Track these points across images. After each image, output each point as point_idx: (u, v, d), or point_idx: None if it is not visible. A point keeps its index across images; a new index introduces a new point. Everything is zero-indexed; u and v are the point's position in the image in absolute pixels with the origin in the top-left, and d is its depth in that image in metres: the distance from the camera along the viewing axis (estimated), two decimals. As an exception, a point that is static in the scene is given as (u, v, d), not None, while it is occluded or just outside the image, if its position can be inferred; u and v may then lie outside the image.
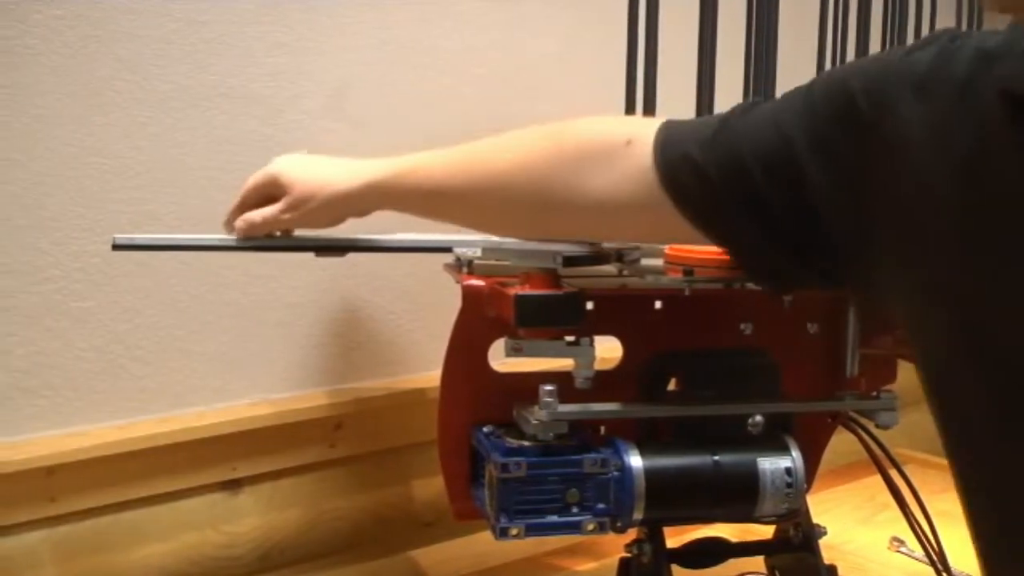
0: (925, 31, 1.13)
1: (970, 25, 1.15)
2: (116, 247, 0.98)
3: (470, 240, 1.03)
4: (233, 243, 1.02)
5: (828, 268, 0.80)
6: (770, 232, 0.79)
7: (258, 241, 1.02)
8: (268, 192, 1.01)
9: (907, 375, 1.12)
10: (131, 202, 1.06)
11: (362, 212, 1.02)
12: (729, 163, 0.79)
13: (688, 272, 0.98)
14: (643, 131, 0.86)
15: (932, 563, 1.07)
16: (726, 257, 1.02)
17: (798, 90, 0.79)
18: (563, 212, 0.90)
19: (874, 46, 1.11)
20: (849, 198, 0.74)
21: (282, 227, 1.02)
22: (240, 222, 1.01)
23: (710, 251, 1.02)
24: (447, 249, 1.06)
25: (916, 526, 1.07)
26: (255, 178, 1.02)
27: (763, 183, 0.78)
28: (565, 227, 0.93)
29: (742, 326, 1.04)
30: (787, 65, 1.05)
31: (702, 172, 0.80)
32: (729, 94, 1.05)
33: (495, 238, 1.02)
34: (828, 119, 0.75)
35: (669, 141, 0.84)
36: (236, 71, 1.12)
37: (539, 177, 0.90)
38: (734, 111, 0.83)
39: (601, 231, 0.94)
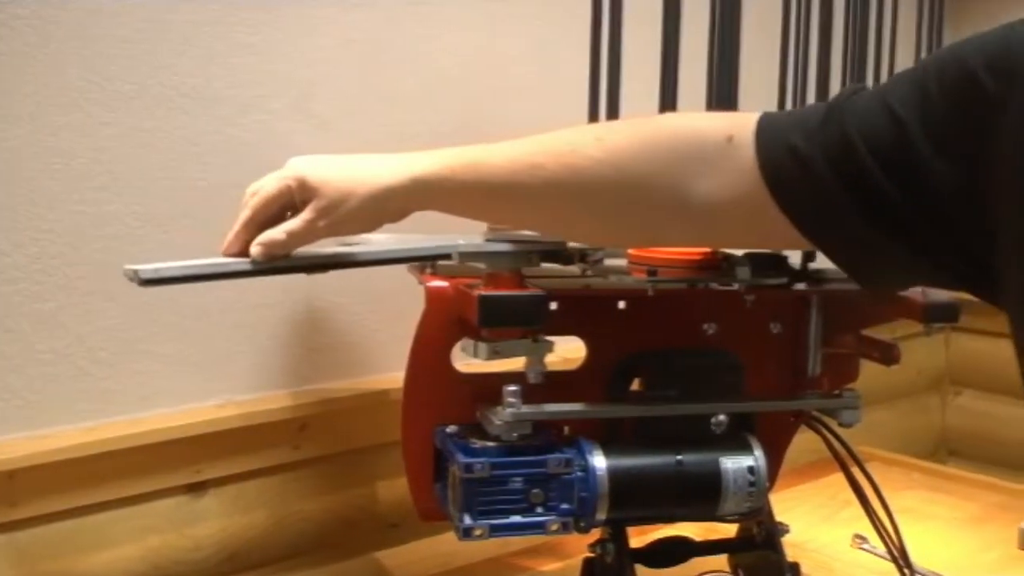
0: (887, 29, 1.14)
1: (931, 19, 1.15)
2: (145, 282, 0.86)
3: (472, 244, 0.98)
4: (267, 266, 0.89)
5: (947, 264, 0.74)
6: (885, 225, 0.73)
7: (298, 261, 0.90)
8: (285, 201, 0.89)
9: (869, 374, 1.13)
10: (92, 203, 1.05)
11: (400, 214, 0.91)
12: (839, 152, 0.74)
13: (652, 272, 0.98)
14: (742, 126, 0.80)
15: (894, 559, 1.09)
16: (689, 257, 1.03)
17: (907, 72, 0.75)
18: (664, 216, 0.84)
19: (836, 44, 1.12)
20: (973, 186, 0.69)
21: (313, 239, 0.90)
22: (258, 247, 0.88)
23: (673, 251, 1.03)
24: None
25: (878, 523, 1.08)
26: (268, 188, 0.89)
27: (877, 170, 0.72)
28: (665, 232, 0.87)
29: (705, 326, 1.04)
30: (750, 63, 1.06)
31: (808, 164, 0.75)
32: (692, 94, 1.05)
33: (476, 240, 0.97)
34: (946, 101, 0.70)
35: (770, 134, 0.79)
36: (199, 71, 1.11)
37: (637, 177, 0.82)
38: (839, 97, 0.78)
39: (706, 237, 0.89)
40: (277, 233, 0.88)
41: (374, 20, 1.22)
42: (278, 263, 0.89)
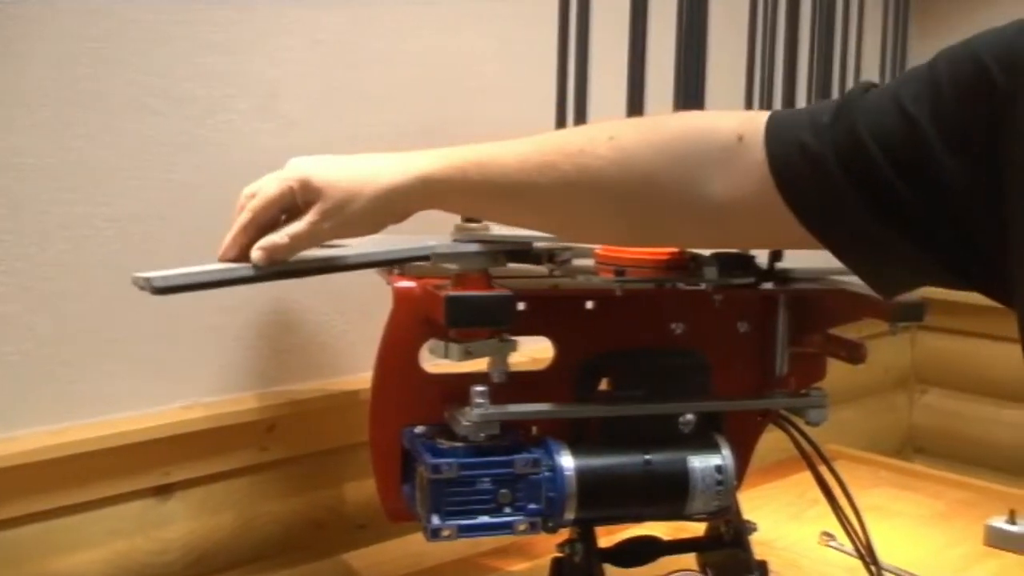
0: (853, 27, 1.14)
1: (896, 21, 1.16)
2: (158, 291, 0.83)
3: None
4: (270, 271, 0.86)
5: (957, 264, 0.74)
6: (895, 223, 0.73)
7: (298, 265, 0.88)
8: (286, 203, 0.86)
9: (836, 372, 1.14)
10: (59, 203, 1.04)
11: (404, 214, 0.89)
12: (848, 148, 0.73)
13: (619, 272, 0.99)
14: (752, 125, 0.79)
15: (861, 556, 1.09)
16: (657, 257, 1.04)
17: (918, 68, 0.74)
18: (676, 216, 0.83)
19: (803, 41, 1.13)
20: (984, 182, 0.69)
21: (317, 242, 0.87)
22: (260, 252, 0.85)
23: (641, 251, 1.03)
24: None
25: (845, 521, 1.09)
26: (268, 190, 0.86)
27: (887, 168, 0.71)
28: (676, 233, 0.87)
29: (673, 326, 1.05)
30: (718, 60, 1.06)
31: (817, 161, 0.74)
32: (660, 93, 1.06)
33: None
34: (957, 96, 0.70)
35: (780, 131, 0.78)
36: (166, 71, 1.10)
37: (649, 178, 0.81)
38: (850, 94, 0.77)
39: (717, 237, 0.88)
40: (279, 237, 0.85)
41: (341, 20, 1.22)
42: (280, 267, 0.87)
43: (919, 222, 0.72)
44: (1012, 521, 1.37)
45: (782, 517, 1.44)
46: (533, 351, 1.11)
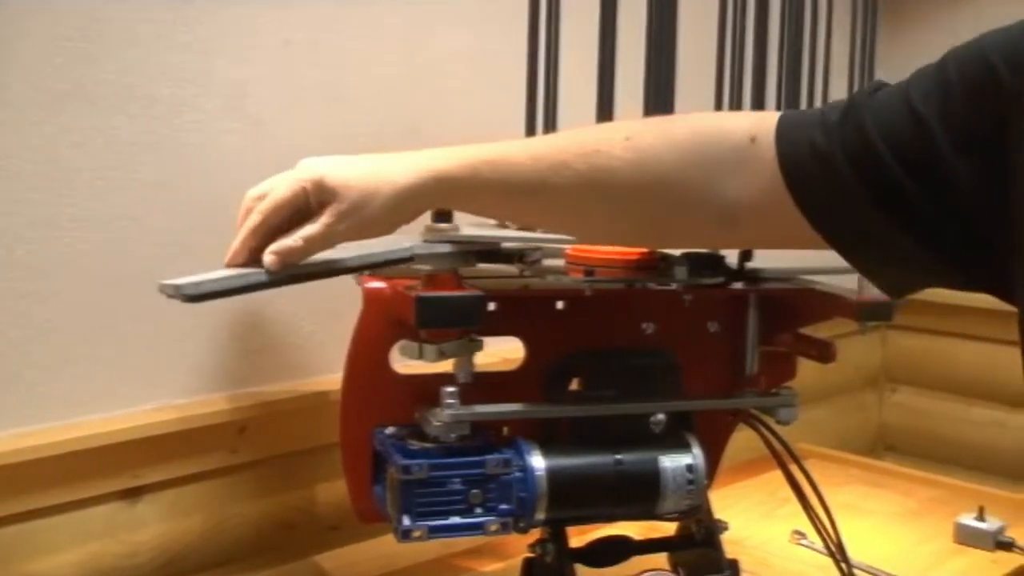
0: (822, 23, 1.15)
1: (865, 22, 1.17)
2: (190, 299, 0.82)
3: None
4: (284, 275, 0.85)
5: (965, 264, 0.73)
6: (904, 223, 0.72)
7: (310, 268, 0.86)
8: (298, 205, 0.84)
9: (807, 372, 1.15)
10: (25, 204, 1.03)
11: (416, 214, 0.88)
12: (857, 147, 0.73)
13: (589, 272, 0.99)
14: (764, 125, 0.79)
15: (832, 554, 1.10)
16: (627, 257, 1.04)
17: (928, 67, 0.74)
18: (690, 218, 0.83)
19: (772, 38, 1.13)
20: (992, 181, 0.69)
21: (332, 244, 0.86)
22: (272, 256, 0.83)
23: (611, 251, 1.04)
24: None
25: (816, 519, 1.10)
26: (279, 191, 0.84)
27: (896, 167, 0.71)
28: (690, 234, 0.87)
29: (644, 326, 1.05)
30: (687, 62, 1.07)
31: (827, 160, 0.74)
32: (629, 94, 1.06)
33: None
34: (965, 95, 0.70)
35: (790, 130, 0.78)
36: (134, 70, 1.09)
37: (664, 179, 0.81)
38: (860, 92, 0.77)
39: (730, 238, 0.88)
40: (293, 240, 0.83)
41: (311, 20, 1.21)
42: (294, 271, 0.85)
43: (927, 221, 0.72)
44: (981, 518, 1.38)
45: (753, 516, 1.44)
46: (504, 351, 1.11)
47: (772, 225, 0.80)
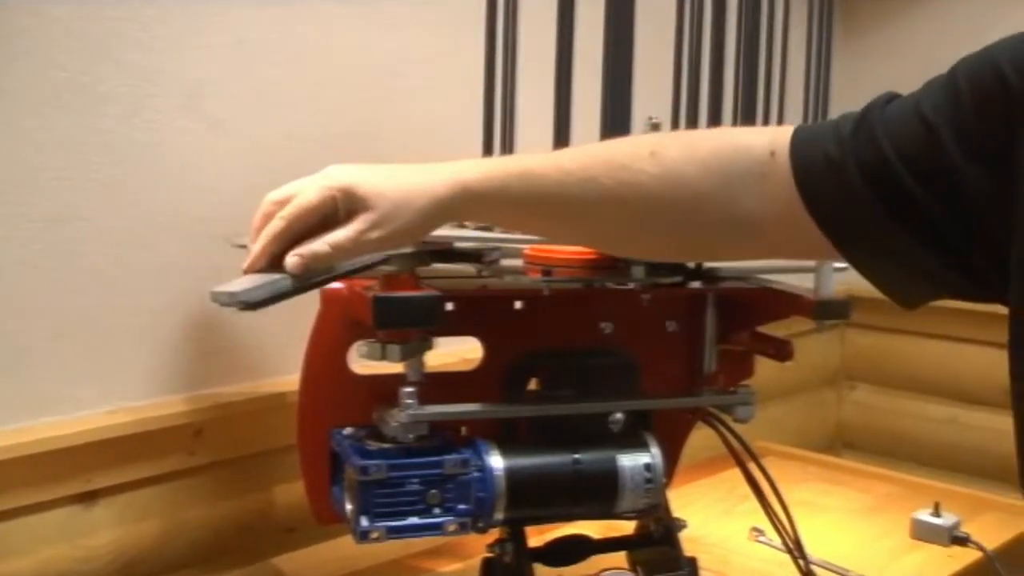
0: (778, 29, 1.16)
1: (820, 26, 1.18)
2: (249, 306, 0.80)
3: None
4: (308, 282, 0.82)
5: (977, 273, 0.74)
6: (915, 231, 0.73)
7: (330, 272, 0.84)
8: (326, 212, 0.82)
9: (767, 370, 1.15)
10: (-24, 204, 1.02)
11: (442, 224, 0.87)
12: (870, 158, 0.74)
13: (547, 272, 0.99)
14: (782, 139, 0.80)
15: (789, 551, 1.11)
16: (585, 257, 1.04)
17: (939, 78, 0.74)
18: (715, 232, 0.84)
19: (729, 45, 1.14)
20: (1001, 188, 0.69)
21: (359, 253, 0.83)
22: (297, 259, 0.80)
23: (569, 251, 1.04)
24: None
25: (773, 516, 1.10)
26: (308, 197, 0.81)
27: (907, 176, 0.72)
28: (714, 247, 0.88)
29: (602, 325, 1.05)
30: (644, 64, 1.07)
31: (840, 172, 0.75)
32: (587, 95, 1.06)
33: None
34: (976, 103, 0.70)
35: (804, 143, 0.79)
36: (89, 68, 1.08)
37: (690, 194, 0.81)
38: (873, 105, 0.78)
39: (753, 251, 0.88)
40: (320, 245, 0.80)
41: (266, 19, 1.21)
42: (316, 277, 0.83)
43: (937, 231, 0.72)
44: (937, 514, 1.39)
45: (712, 514, 1.45)
46: (463, 351, 1.10)
47: (793, 237, 0.81)
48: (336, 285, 0.97)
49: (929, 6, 1.95)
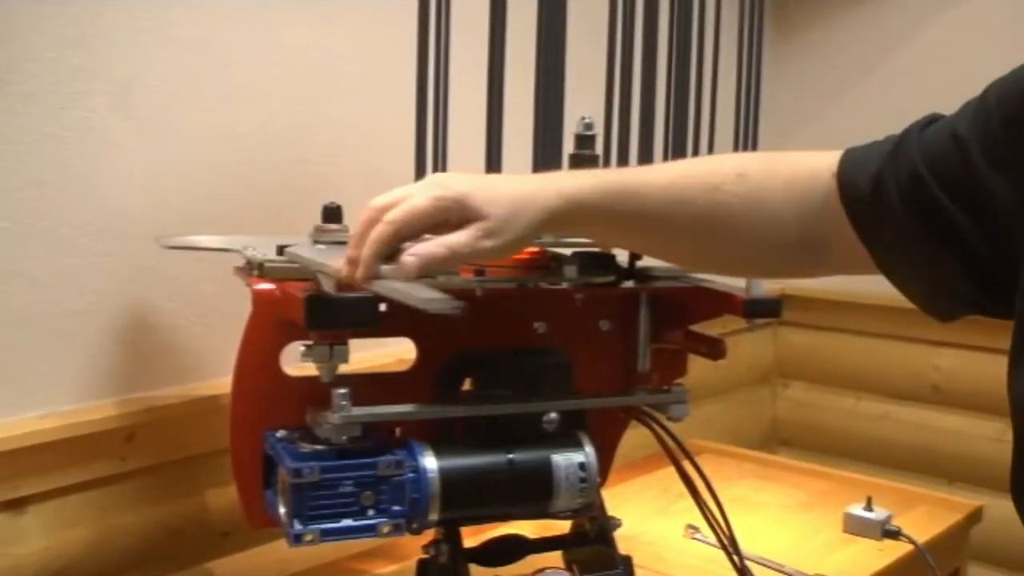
0: (710, 35, 1.16)
1: (751, 27, 1.19)
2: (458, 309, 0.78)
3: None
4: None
5: (1005, 288, 0.77)
6: (948, 248, 0.78)
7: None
8: (437, 220, 0.83)
9: (701, 368, 1.16)
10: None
11: (543, 235, 0.90)
12: (904, 176, 0.79)
13: (480, 272, 0.98)
14: (836, 162, 0.86)
15: (724, 547, 1.12)
16: (518, 257, 1.04)
17: (973, 99, 0.79)
18: (790, 251, 0.89)
19: (661, 46, 1.14)
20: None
21: (475, 258, 0.86)
22: (413, 259, 0.80)
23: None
24: None
25: (708, 514, 1.11)
26: (419, 204, 0.82)
27: (939, 192, 0.77)
28: (790, 266, 0.92)
29: (535, 325, 1.05)
30: (576, 65, 1.07)
31: (878, 189, 0.80)
32: (519, 96, 1.06)
33: None
34: (1003, 119, 0.74)
35: (850, 165, 0.84)
36: (14, 65, 1.06)
37: (771, 215, 0.87)
38: (913, 125, 0.83)
39: (821, 270, 0.92)
40: (437, 248, 0.81)
41: (197, 17, 1.19)
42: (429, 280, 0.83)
43: (967, 245, 0.77)
44: (869, 508, 1.41)
45: (648, 512, 1.46)
46: (398, 352, 1.10)
47: (853, 257, 0.85)
48: (267, 285, 0.96)
49: (859, 8, 1.98)
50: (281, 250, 0.97)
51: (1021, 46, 1.76)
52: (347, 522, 0.92)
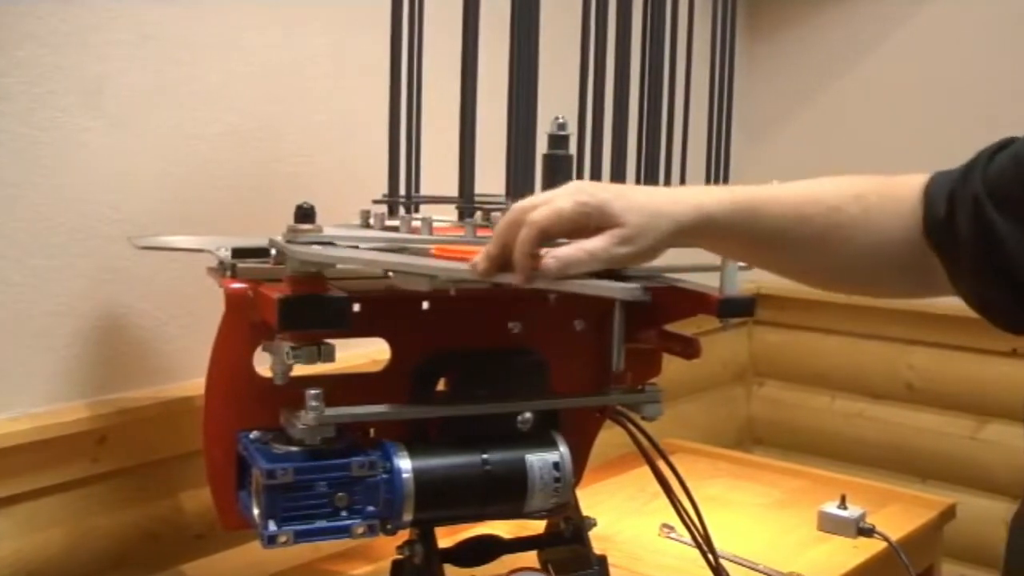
0: (682, 38, 1.16)
1: (724, 30, 1.19)
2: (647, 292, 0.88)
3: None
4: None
5: None
6: (1002, 268, 0.82)
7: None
8: (578, 225, 0.86)
9: (676, 367, 1.16)
10: None
11: (674, 246, 0.91)
12: (970, 195, 0.83)
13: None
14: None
15: (699, 546, 1.12)
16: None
17: None
18: (903, 275, 0.92)
19: (635, 58, 1.14)
20: None
21: (610, 264, 0.88)
22: (554, 261, 0.85)
23: (476, 251, 1.03)
24: None
25: (683, 512, 1.11)
26: (564, 207, 0.86)
27: (994, 212, 0.81)
28: (898, 288, 0.96)
29: (510, 325, 1.05)
30: (550, 69, 1.07)
31: (951, 208, 0.84)
32: (492, 96, 1.06)
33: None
34: None
35: (935, 183, 0.87)
36: (-18, 65, 1.06)
37: (885, 237, 0.89)
38: (985, 149, 0.87)
39: (930, 292, 0.94)
40: (577, 251, 0.85)
41: (169, 16, 1.19)
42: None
43: (1016, 262, 0.82)
44: (843, 506, 1.42)
45: (623, 511, 1.46)
46: (373, 352, 1.10)
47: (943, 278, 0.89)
48: (240, 285, 0.96)
49: (831, 11, 1.99)
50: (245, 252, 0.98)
51: (992, 48, 1.78)
52: (321, 523, 0.91)
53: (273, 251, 0.94)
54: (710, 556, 1.12)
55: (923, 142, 1.83)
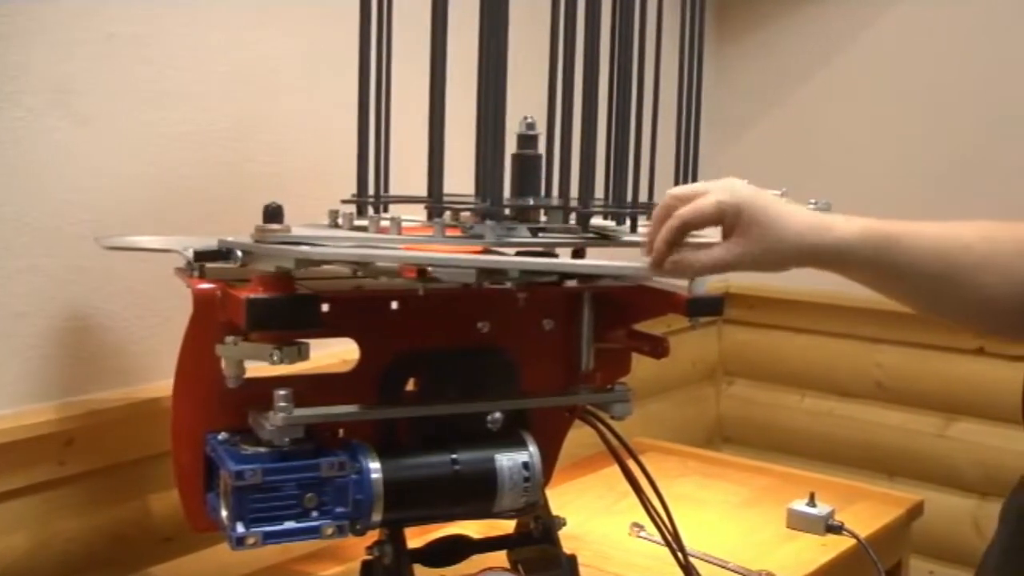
0: (650, 44, 1.17)
1: (692, 37, 1.19)
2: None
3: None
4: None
5: None
6: None
7: None
8: (716, 222, 0.92)
9: (645, 367, 1.17)
10: None
11: (796, 267, 0.95)
12: None
13: (422, 272, 0.98)
14: None
15: (668, 545, 1.12)
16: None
17: None
18: (1013, 311, 0.93)
19: (603, 58, 1.15)
20: None
21: (730, 269, 0.93)
22: (673, 265, 0.93)
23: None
24: None
25: (652, 512, 1.12)
26: (707, 206, 0.91)
27: None
28: (1017, 329, 0.96)
29: (479, 325, 1.05)
30: (518, 68, 1.07)
31: None
32: (462, 97, 1.06)
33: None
34: None
35: None
36: (-54, 64, 1.05)
37: (1013, 283, 0.91)
38: None
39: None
40: (707, 258, 0.92)
41: (137, 14, 1.18)
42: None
43: None
44: (812, 504, 1.43)
45: (593, 511, 1.46)
46: (342, 352, 1.10)
47: None
48: (208, 286, 0.96)
49: (801, 11, 2.00)
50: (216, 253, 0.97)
51: (963, 48, 1.80)
52: (290, 524, 0.91)
53: (240, 252, 0.94)
54: (680, 555, 1.12)
55: (890, 143, 1.85)
